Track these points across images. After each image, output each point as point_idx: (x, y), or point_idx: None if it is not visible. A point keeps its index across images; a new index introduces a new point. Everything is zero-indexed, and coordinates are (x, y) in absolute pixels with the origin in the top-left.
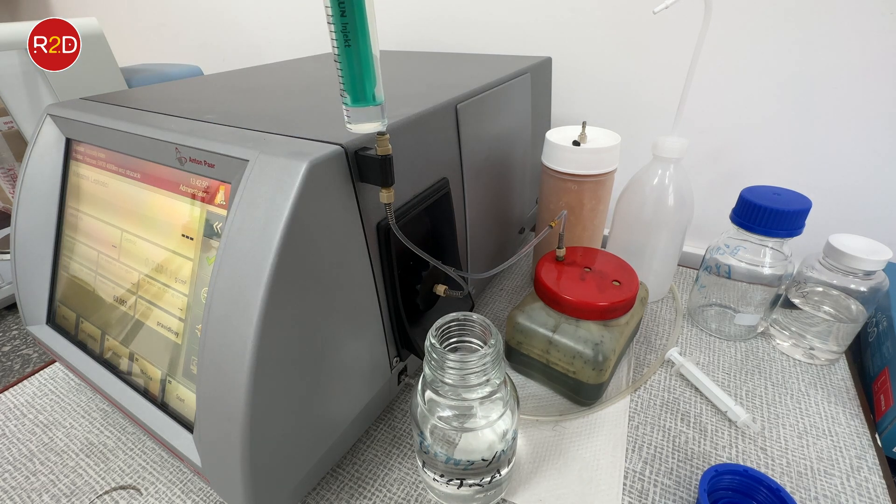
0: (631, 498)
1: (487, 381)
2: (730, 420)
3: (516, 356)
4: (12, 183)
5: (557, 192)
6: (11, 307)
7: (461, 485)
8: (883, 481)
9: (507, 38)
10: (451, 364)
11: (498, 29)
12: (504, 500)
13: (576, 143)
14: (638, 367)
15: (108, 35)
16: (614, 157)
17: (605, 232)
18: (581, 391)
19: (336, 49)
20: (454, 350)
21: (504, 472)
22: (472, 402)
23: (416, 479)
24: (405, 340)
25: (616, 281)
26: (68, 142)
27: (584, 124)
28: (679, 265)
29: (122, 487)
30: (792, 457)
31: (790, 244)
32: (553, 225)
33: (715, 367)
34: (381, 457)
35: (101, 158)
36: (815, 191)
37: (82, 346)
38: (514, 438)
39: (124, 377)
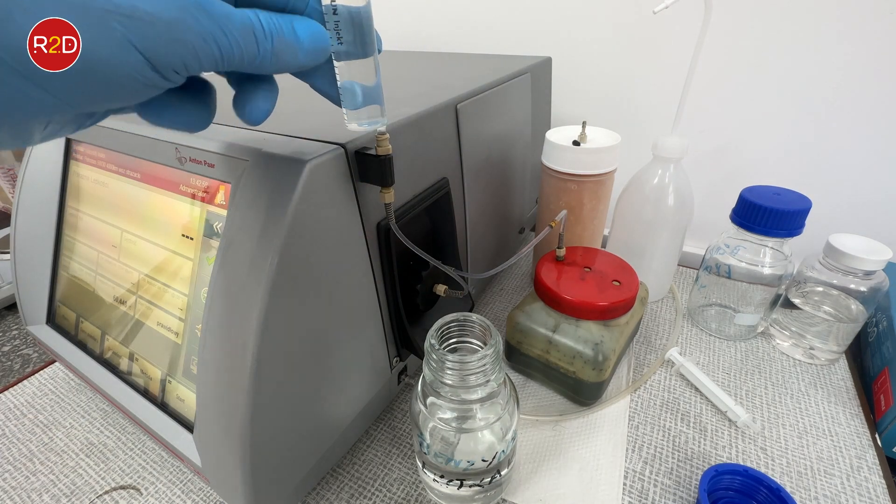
0: (631, 498)
1: (487, 382)
2: (730, 420)
3: (516, 356)
4: (12, 183)
5: (557, 192)
6: (11, 307)
7: (461, 485)
8: (883, 481)
9: (507, 38)
10: (450, 365)
11: (498, 29)
12: (504, 500)
13: (576, 143)
14: (638, 367)
15: None
16: (614, 157)
17: (605, 232)
18: (581, 391)
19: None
20: (454, 351)
21: (504, 472)
22: (472, 403)
23: (416, 480)
24: (405, 340)
25: (616, 281)
26: (68, 142)
27: (584, 124)
28: (679, 265)
29: (122, 487)
30: (792, 457)
31: (790, 244)
32: (553, 225)
33: (715, 367)
34: (381, 457)
35: (101, 158)
36: (815, 191)
37: (82, 346)
38: (514, 439)
39: (124, 377)
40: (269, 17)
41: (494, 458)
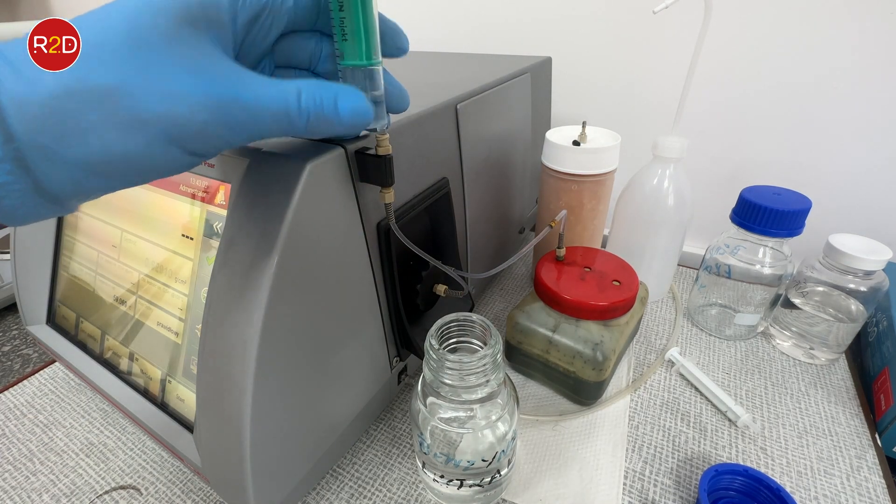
0: (631, 498)
1: (487, 382)
2: (730, 420)
3: (516, 356)
4: None
5: (557, 192)
6: (11, 307)
7: (461, 485)
8: (883, 481)
9: (507, 38)
10: (450, 365)
11: (498, 29)
12: (504, 501)
13: (576, 143)
14: (638, 367)
15: None
16: (614, 157)
17: (605, 232)
18: (581, 390)
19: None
20: (454, 351)
21: (504, 472)
22: (472, 403)
23: (416, 480)
24: (405, 340)
25: (616, 281)
26: None
27: (584, 124)
28: (679, 265)
29: (122, 487)
30: (792, 457)
31: (790, 244)
32: (553, 225)
33: (715, 367)
34: (381, 457)
35: None
36: (815, 191)
37: (82, 346)
38: (514, 439)
39: (124, 377)
40: (311, 93)
41: (494, 458)
